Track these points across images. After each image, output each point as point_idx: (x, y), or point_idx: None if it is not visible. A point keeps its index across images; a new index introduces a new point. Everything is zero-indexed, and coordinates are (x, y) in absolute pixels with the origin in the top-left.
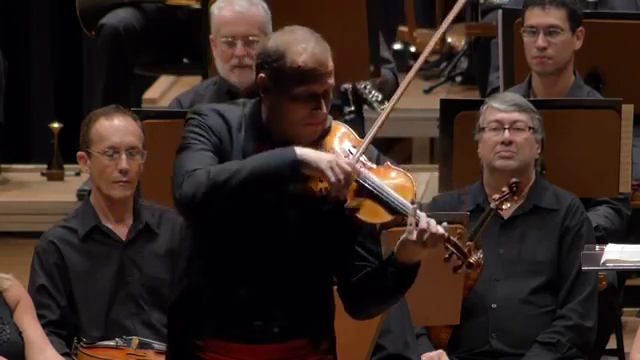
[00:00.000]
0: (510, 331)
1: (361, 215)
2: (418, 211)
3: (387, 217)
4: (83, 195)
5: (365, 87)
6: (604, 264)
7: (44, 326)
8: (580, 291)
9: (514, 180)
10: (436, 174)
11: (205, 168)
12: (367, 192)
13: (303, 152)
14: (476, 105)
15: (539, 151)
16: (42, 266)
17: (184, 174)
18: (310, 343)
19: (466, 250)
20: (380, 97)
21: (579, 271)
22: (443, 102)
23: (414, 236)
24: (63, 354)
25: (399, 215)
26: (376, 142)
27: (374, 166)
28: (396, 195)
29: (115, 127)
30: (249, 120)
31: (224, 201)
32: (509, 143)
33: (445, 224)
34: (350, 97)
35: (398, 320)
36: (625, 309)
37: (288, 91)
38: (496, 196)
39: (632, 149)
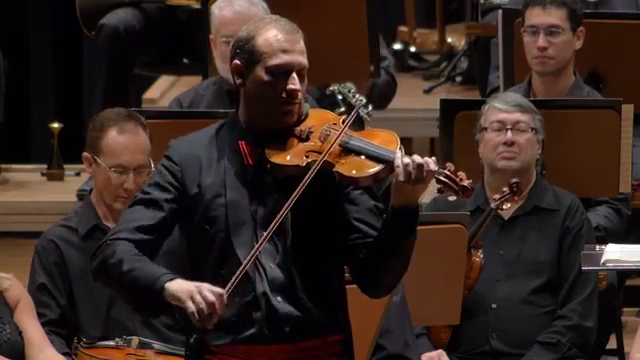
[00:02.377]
0: (510, 331)
1: (352, 173)
2: (402, 153)
3: (376, 166)
4: (83, 195)
5: (349, 90)
6: (604, 264)
7: (44, 325)
8: (580, 291)
9: (514, 180)
10: None
11: (118, 247)
12: (352, 151)
13: (170, 283)
14: (476, 105)
15: (540, 152)
16: (42, 265)
17: (108, 236)
18: (322, 344)
19: (457, 179)
20: (364, 101)
21: (579, 271)
22: (443, 102)
23: (402, 175)
24: (63, 353)
25: (386, 163)
26: None
27: (358, 131)
28: (379, 145)
29: (126, 144)
30: (228, 126)
31: (112, 288)
32: (511, 144)
33: (434, 158)
34: (338, 98)
35: (398, 320)
36: (625, 309)
37: (263, 66)
38: (496, 196)
39: (632, 149)
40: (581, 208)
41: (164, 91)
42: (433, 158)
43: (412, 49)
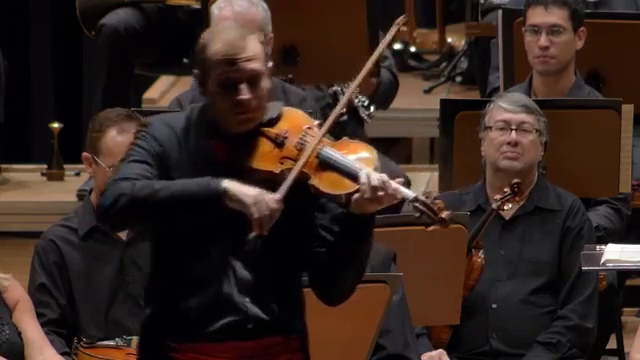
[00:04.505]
0: (510, 331)
1: (327, 190)
2: (373, 172)
3: (353, 186)
4: (83, 195)
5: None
6: (604, 264)
7: (44, 325)
8: (580, 292)
9: (515, 181)
10: (436, 174)
11: (131, 181)
12: (327, 165)
13: (230, 185)
14: (476, 105)
15: (542, 153)
16: (42, 265)
17: (110, 182)
18: (283, 340)
19: (435, 208)
20: (366, 102)
21: (579, 272)
22: (443, 102)
23: (368, 194)
24: (63, 353)
25: (357, 181)
26: (376, 142)
27: (334, 142)
28: (352, 161)
29: (126, 145)
30: (197, 120)
31: (140, 217)
32: (515, 144)
33: (401, 180)
34: (340, 99)
35: (398, 320)
36: (625, 309)
37: (211, 80)
38: (497, 197)
39: (632, 149)
40: (582, 209)
41: (164, 91)
42: (399, 179)
43: (412, 49)
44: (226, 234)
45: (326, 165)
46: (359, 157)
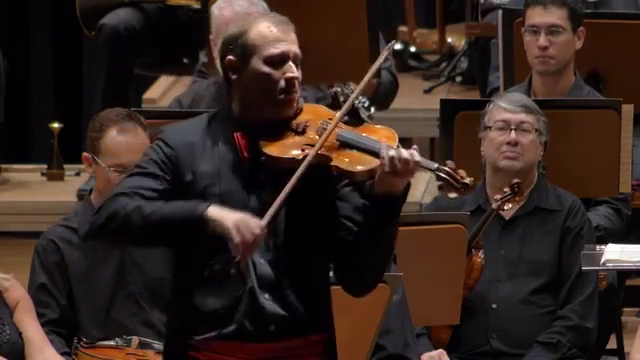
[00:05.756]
0: (510, 331)
1: (349, 167)
2: (393, 147)
3: (373, 161)
4: (83, 195)
5: (352, 91)
6: (604, 264)
7: (44, 325)
8: (580, 292)
9: (515, 181)
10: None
11: (127, 196)
12: (347, 144)
13: (213, 209)
14: (476, 105)
15: (542, 153)
16: (42, 265)
17: (108, 198)
18: (306, 342)
19: (458, 176)
20: (367, 103)
21: (579, 272)
22: (443, 102)
23: (387, 167)
24: (63, 353)
25: (377, 155)
26: None
27: (354, 126)
28: (371, 138)
29: (126, 145)
30: (221, 119)
31: (129, 240)
32: (515, 144)
33: (415, 146)
34: (340, 100)
35: (398, 320)
36: (625, 309)
37: (259, 58)
38: (497, 197)
39: (632, 149)
40: (582, 209)
41: (164, 91)
42: (415, 147)
43: (412, 49)
44: None
45: (346, 145)
46: (379, 136)
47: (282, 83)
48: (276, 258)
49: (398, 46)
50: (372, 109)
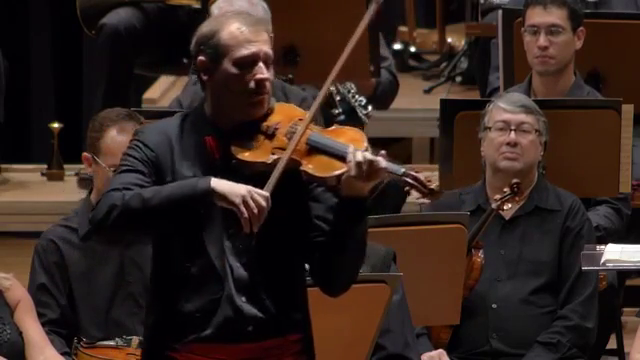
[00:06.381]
0: (510, 331)
1: (318, 173)
2: (359, 151)
3: (343, 167)
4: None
5: (349, 91)
6: (604, 264)
7: (44, 325)
8: (580, 292)
9: (515, 181)
10: (436, 174)
11: (122, 191)
12: (316, 149)
13: (217, 184)
14: (476, 105)
15: (542, 153)
16: (42, 265)
17: (102, 195)
18: (283, 342)
19: (425, 180)
20: (364, 101)
21: (580, 272)
22: (443, 102)
23: (353, 171)
24: (63, 353)
25: (345, 161)
26: (376, 142)
27: (324, 128)
28: (339, 142)
29: (126, 145)
30: (193, 119)
31: (133, 226)
32: (514, 144)
33: (383, 152)
34: (335, 99)
35: (398, 320)
36: (625, 309)
37: (229, 59)
38: (497, 197)
39: (632, 149)
40: (582, 209)
41: (164, 91)
42: (382, 152)
43: (412, 49)
44: (222, 234)
45: (315, 149)
46: (348, 139)
47: (252, 84)
48: (252, 261)
49: (398, 46)
50: (370, 107)
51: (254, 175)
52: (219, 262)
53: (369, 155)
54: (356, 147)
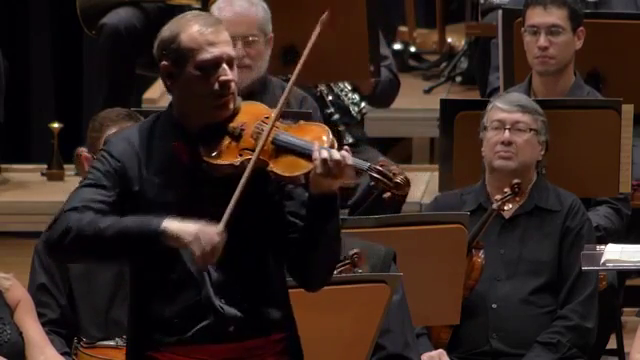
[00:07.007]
0: (510, 331)
1: (285, 172)
2: (325, 148)
3: (309, 165)
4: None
5: (342, 90)
6: (604, 264)
7: (44, 325)
8: (580, 292)
9: (516, 181)
10: (436, 174)
11: (79, 211)
12: (282, 148)
13: (168, 224)
14: (476, 105)
15: (542, 153)
16: (42, 265)
17: (60, 213)
18: (266, 342)
19: (390, 174)
20: (357, 99)
21: (580, 272)
22: (443, 102)
23: (319, 169)
24: (63, 353)
25: (311, 159)
26: (376, 142)
27: (291, 124)
28: (305, 140)
29: None
30: (160, 125)
31: (84, 255)
32: (509, 143)
33: (347, 147)
34: (327, 99)
35: (398, 320)
36: (625, 309)
37: (192, 63)
38: (498, 197)
39: (632, 149)
40: (582, 208)
41: (164, 91)
42: (346, 147)
43: (412, 49)
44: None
45: (281, 149)
46: (313, 137)
47: (216, 86)
48: (228, 262)
49: (398, 46)
50: (363, 104)
51: (224, 177)
52: (195, 267)
53: (334, 152)
54: (320, 142)
